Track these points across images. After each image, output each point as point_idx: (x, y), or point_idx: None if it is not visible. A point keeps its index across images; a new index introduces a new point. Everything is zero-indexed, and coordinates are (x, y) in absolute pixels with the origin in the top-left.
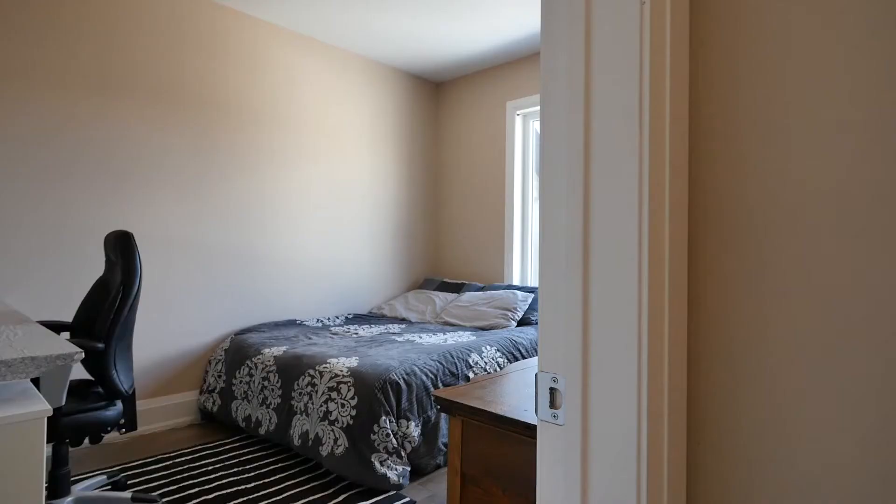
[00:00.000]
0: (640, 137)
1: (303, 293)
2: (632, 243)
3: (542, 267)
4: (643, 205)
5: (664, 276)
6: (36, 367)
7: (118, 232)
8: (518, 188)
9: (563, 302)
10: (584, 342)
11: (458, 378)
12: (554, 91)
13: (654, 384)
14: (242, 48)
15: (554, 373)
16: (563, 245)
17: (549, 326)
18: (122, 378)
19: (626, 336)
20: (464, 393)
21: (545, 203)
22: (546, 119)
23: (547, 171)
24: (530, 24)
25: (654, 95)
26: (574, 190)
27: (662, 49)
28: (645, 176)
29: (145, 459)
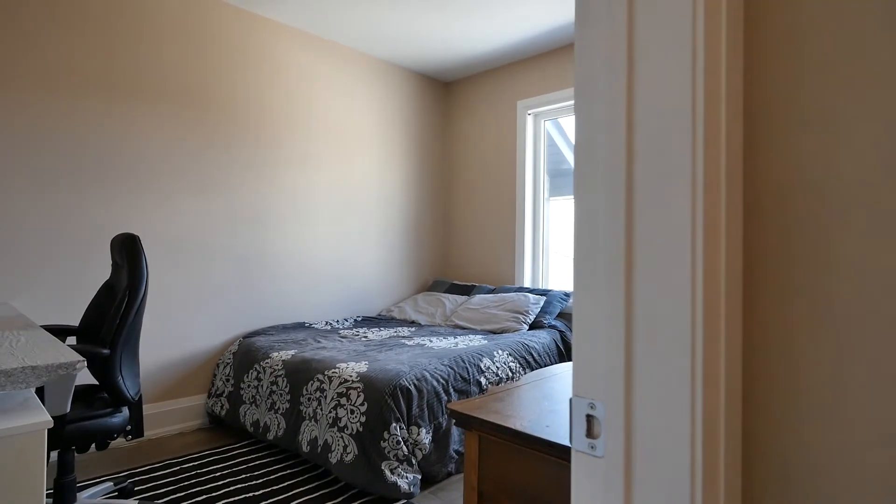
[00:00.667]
0: (694, 133)
1: (311, 295)
2: (683, 253)
3: (577, 280)
4: (696, 210)
5: (720, 289)
6: (36, 376)
7: (124, 235)
8: (529, 188)
9: (601, 319)
10: (627, 365)
11: (470, 383)
12: (590, 84)
13: (710, 412)
14: (249, 48)
15: (591, 398)
16: (601, 254)
17: (584, 346)
18: (129, 384)
19: (676, 358)
20: (480, 406)
21: (581, 208)
22: (581, 116)
23: (582, 173)
24: (541, 22)
25: (708, 86)
26: (614, 194)
27: (717, 33)
28: (699, 178)
29: (153, 465)
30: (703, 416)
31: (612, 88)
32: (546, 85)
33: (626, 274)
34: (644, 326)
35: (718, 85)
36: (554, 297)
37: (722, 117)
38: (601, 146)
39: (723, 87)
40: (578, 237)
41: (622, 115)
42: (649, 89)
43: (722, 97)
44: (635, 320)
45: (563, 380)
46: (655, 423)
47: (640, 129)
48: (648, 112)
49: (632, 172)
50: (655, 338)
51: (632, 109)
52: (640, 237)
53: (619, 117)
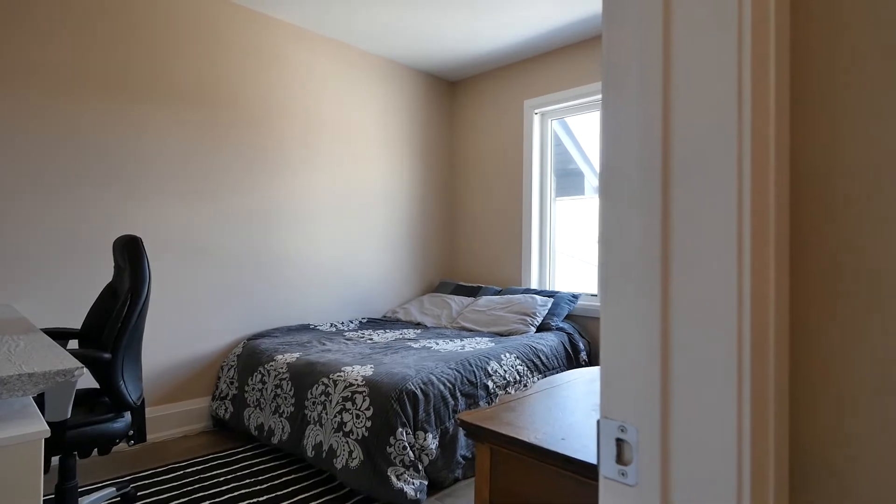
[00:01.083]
0: (740, 129)
1: (316, 297)
2: (728, 259)
3: (604, 289)
4: (743, 214)
5: (768, 298)
6: (34, 384)
7: (126, 237)
8: (536, 189)
9: (633, 333)
10: (664, 383)
11: (477, 387)
12: (620, 78)
13: (759, 439)
14: (255, 47)
15: (622, 421)
16: (633, 260)
17: (614, 362)
18: (130, 388)
19: (720, 376)
20: (491, 416)
21: (608, 209)
22: (609, 114)
23: (611, 171)
24: (548, 19)
25: (755, 72)
26: (648, 195)
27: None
28: (746, 180)
29: (156, 469)
30: (751, 444)
31: (646, 82)
32: (553, 84)
33: (662, 284)
34: (683, 341)
35: (766, 76)
36: (562, 299)
37: (771, 112)
38: (632, 146)
39: (771, 78)
40: (605, 242)
41: (658, 112)
42: (689, 82)
43: (771, 90)
44: (673, 334)
45: (575, 388)
46: (696, 450)
47: (678, 127)
48: (688, 108)
49: (668, 173)
50: (696, 354)
51: (668, 105)
52: (679, 242)
53: (654, 114)
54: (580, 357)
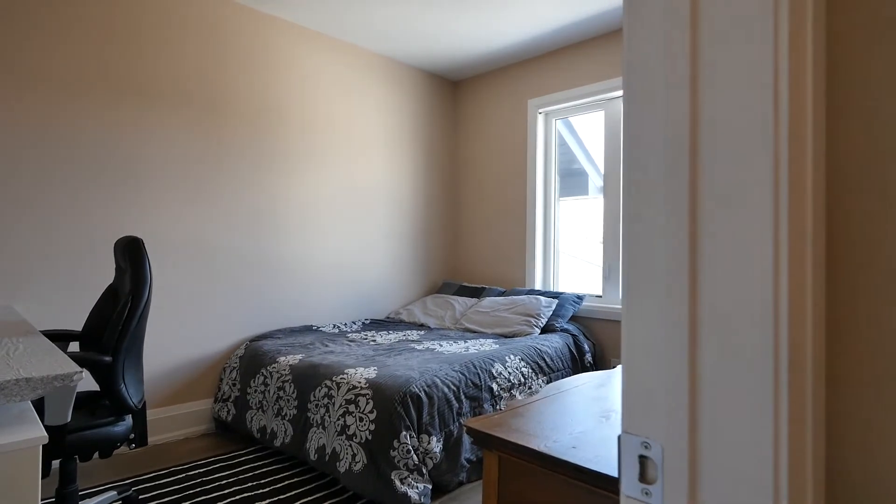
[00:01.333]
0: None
1: (319, 298)
2: (764, 262)
3: (627, 295)
4: (780, 205)
5: (807, 296)
6: (32, 389)
7: (127, 238)
8: (540, 188)
9: (659, 340)
10: (692, 396)
11: (482, 389)
12: (643, 69)
13: (796, 458)
14: (255, 46)
15: (645, 436)
16: (659, 261)
17: (637, 373)
18: (132, 392)
19: (755, 390)
20: (499, 423)
21: (632, 208)
22: (632, 109)
23: (634, 165)
24: (553, 18)
25: (793, 66)
26: (675, 187)
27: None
28: (783, 164)
29: (158, 472)
30: (788, 466)
31: (671, 73)
32: (557, 83)
33: (690, 284)
34: (713, 349)
35: (804, 66)
36: (566, 300)
37: (808, 104)
38: (656, 141)
39: (809, 67)
40: (629, 241)
41: (685, 106)
42: (718, 73)
43: (808, 79)
44: (702, 341)
45: (583, 393)
46: (728, 471)
47: (707, 121)
48: (717, 101)
49: (696, 171)
50: (728, 363)
51: (696, 98)
52: (708, 238)
53: (681, 109)
54: (585, 359)
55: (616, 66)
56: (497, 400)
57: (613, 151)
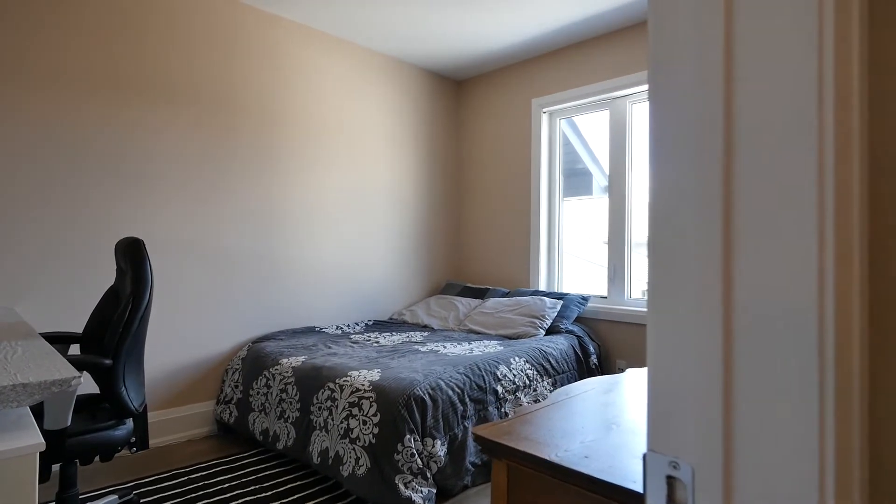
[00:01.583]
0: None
1: (321, 299)
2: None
3: (653, 298)
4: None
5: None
6: (28, 394)
7: (128, 239)
8: (544, 189)
9: (690, 349)
10: (727, 412)
11: (486, 392)
12: (671, 60)
13: (843, 482)
14: (259, 45)
15: (674, 456)
16: (690, 264)
17: (664, 385)
18: (132, 395)
19: (798, 405)
20: (508, 431)
21: (660, 209)
22: (660, 99)
23: (662, 164)
24: (557, 17)
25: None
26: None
27: None
28: (828, 159)
29: (159, 475)
30: (835, 490)
31: (703, 64)
32: (562, 82)
33: (724, 292)
34: (750, 359)
35: (850, 54)
36: (571, 301)
37: (854, 94)
38: (687, 138)
39: (854, 55)
40: (656, 246)
41: (718, 99)
42: (756, 63)
43: (854, 68)
44: (737, 352)
45: (592, 399)
46: (768, 493)
47: (743, 115)
48: (755, 93)
49: (731, 168)
50: (766, 376)
51: (731, 89)
52: (745, 243)
53: (715, 101)
54: (590, 361)
55: (621, 64)
56: (502, 402)
57: (618, 151)
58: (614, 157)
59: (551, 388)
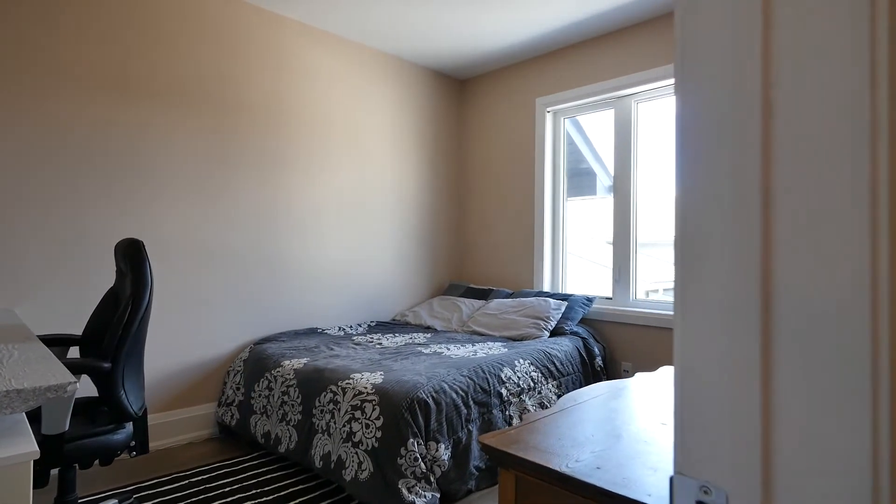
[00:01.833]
0: (873, 88)
1: (323, 299)
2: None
3: (682, 302)
4: (879, 196)
5: None
6: (23, 400)
7: (127, 240)
8: (548, 189)
9: (724, 361)
10: (766, 432)
11: (491, 395)
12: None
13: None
14: (262, 45)
15: (705, 480)
16: (723, 264)
17: (695, 401)
18: (132, 399)
19: (847, 426)
20: (516, 439)
21: (688, 204)
22: (689, 79)
23: (690, 158)
24: (561, 15)
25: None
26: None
27: None
28: (882, 144)
29: (160, 478)
30: None
31: (738, 44)
32: (566, 81)
33: (762, 295)
34: (792, 371)
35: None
36: (575, 303)
37: None
38: (720, 128)
39: None
40: (685, 245)
41: (756, 84)
42: (798, 42)
43: None
44: (777, 362)
45: (601, 405)
46: None
47: (783, 100)
48: (796, 76)
49: (769, 159)
50: (811, 389)
51: (769, 72)
52: (785, 241)
53: (752, 87)
54: (595, 362)
55: (627, 63)
56: (506, 405)
57: (624, 151)
58: (619, 156)
59: (556, 390)
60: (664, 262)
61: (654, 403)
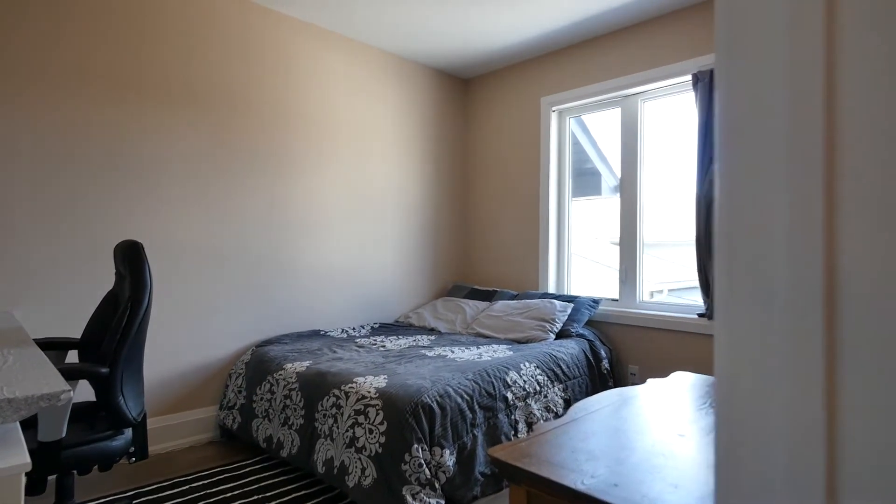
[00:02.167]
0: None
1: (327, 301)
2: None
3: (726, 308)
4: None
5: None
6: (14, 410)
7: (126, 242)
8: (553, 188)
9: (780, 377)
10: (830, 461)
11: (496, 399)
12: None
13: None
14: (265, 45)
15: None
16: (779, 263)
17: (743, 424)
18: (131, 404)
19: None
20: (527, 452)
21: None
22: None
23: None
24: (566, 13)
25: None
26: (803, 162)
27: None
28: None
29: (160, 483)
30: None
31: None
32: (572, 80)
33: (826, 301)
34: (863, 386)
35: None
36: (582, 304)
37: None
38: (773, 106)
39: None
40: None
41: (818, 52)
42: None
43: None
44: (842, 374)
45: (613, 414)
46: None
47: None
48: (868, 41)
49: (833, 139)
50: (888, 408)
51: (833, 36)
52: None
53: (813, 55)
54: (602, 366)
55: (634, 61)
56: (512, 410)
57: (630, 150)
58: (626, 156)
59: (562, 394)
60: (669, 263)
61: (668, 412)
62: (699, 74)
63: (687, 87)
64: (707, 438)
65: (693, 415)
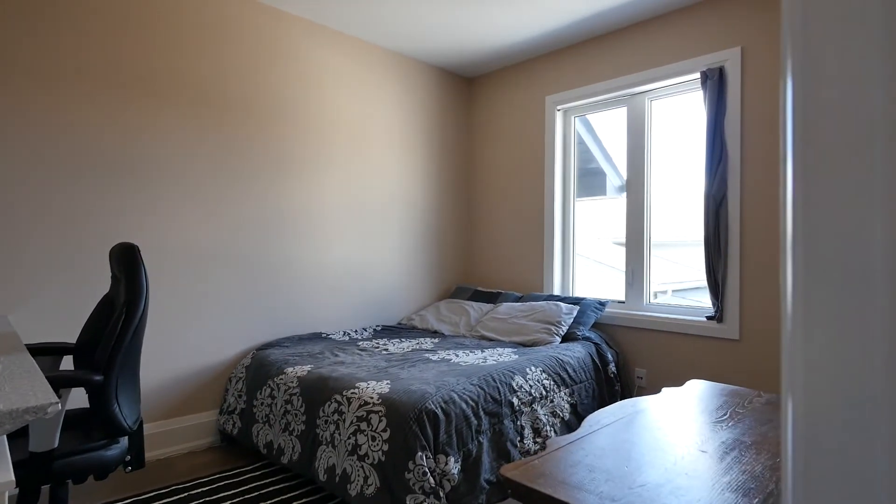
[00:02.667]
0: None
1: (328, 303)
2: None
3: (806, 319)
4: None
5: None
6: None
7: (122, 245)
8: (558, 189)
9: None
10: None
11: (501, 405)
12: None
13: None
14: (266, 43)
15: None
16: (877, 267)
17: (822, 457)
18: (126, 412)
19: None
20: (542, 471)
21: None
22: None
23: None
24: (571, 11)
25: None
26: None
27: None
28: None
29: (159, 490)
30: None
31: None
32: (577, 79)
33: None
34: None
35: None
36: (588, 306)
37: None
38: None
39: None
40: (812, 239)
41: None
42: None
43: None
44: None
45: (629, 427)
46: None
47: None
48: None
49: None
50: None
51: None
52: None
53: None
54: (608, 369)
55: (641, 60)
56: (518, 415)
57: (637, 149)
58: (632, 155)
59: (569, 398)
60: (673, 263)
61: (686, 426)
62: (708, 72)
63: (695, 85)
64: (730, 456)
65: (710, 428)
